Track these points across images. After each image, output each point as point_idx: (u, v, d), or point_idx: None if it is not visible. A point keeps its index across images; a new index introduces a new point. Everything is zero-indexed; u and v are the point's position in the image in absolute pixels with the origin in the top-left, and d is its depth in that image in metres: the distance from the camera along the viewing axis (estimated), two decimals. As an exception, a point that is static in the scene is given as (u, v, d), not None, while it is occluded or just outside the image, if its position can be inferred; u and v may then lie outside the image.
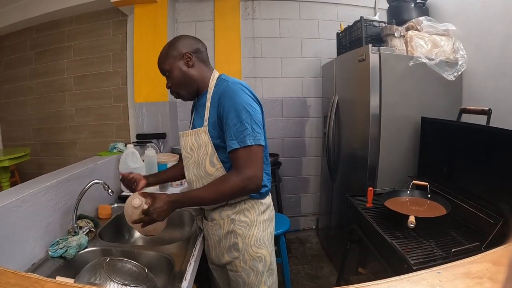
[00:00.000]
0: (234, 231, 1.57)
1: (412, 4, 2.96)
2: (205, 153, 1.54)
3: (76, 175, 1.88)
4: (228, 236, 1.59)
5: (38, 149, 4.24)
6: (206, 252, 1.77)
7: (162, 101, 3.49)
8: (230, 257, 1.59)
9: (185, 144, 1.63)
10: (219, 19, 3.72)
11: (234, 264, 1.59)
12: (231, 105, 1.44)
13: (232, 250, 1.58)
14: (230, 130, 1.43)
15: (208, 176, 1.55)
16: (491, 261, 0.87)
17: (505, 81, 2.27)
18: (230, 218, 1.57)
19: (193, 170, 1.60)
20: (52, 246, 1.54)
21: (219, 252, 1.64)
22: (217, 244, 1.64)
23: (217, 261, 1.68)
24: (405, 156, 2.53)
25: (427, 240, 1.70)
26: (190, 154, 1.60)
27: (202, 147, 1.55)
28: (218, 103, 1.49)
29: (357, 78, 2.66)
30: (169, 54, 1.57)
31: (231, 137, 1.43)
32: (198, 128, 1.56)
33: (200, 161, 1.56)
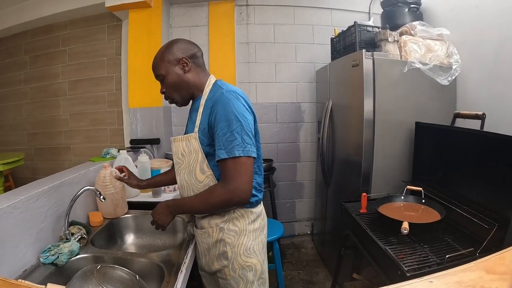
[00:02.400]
0: (223, 239, 1.56)
1: (406, 9, 2.97)
2: (196, 160, 1.54)
3: (68, 181, 1.86)
4: (217, 245, 1.58)
5: (32, 154, 4.21)
6: (196, 259, 1.76)
7: (156, 107, 3.48)
8: (220, 265, 1.58)
9: (176, 150, 1.61)
10: (214, 24, 3.72)
11: (223, 272, 1.58)
12: (222, 114, 1.42)
13: (222, 258, 1.57)
14: (220, 139, 1.41)
15: (198, 183, 1.55)
16: (484, 269, 0.86)
17: (499, 86, 2.27)
18: (218, 227, 1.56)
19: (184, 176, 1.59)
20: (43, 252, 1.52)
21: (208, 259, 1.63)
22: (207, 252, 1.63)
23: (207, 268, 1.67)
24: (399, 161, 2.53)
25: (421, 246, 1.69)
26: (181, 160, 1.59)
27: (193, 154, 1.54)
28: (210, 111, 1.47)
29: (351, 83, 2.66)
30: (164, 59, 1.55)
31: (220, 146, 1.41)
32: (189, 133, 1.55)
33: (191, 168, 1.56)
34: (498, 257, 0.91)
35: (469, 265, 0.87)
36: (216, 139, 1.44)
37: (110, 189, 2.00)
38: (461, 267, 0.87)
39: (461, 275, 0.84)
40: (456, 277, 0.83)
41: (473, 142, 1.93)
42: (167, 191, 2.47)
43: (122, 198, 2.11)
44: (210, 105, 1.49)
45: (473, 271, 0.85)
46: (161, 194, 2.43)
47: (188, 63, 1.57)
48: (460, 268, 0.86)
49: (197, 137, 1.51)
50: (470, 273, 0.84)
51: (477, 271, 0.85)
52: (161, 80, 1.59)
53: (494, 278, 0.81)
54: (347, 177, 2.84)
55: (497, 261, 0.89)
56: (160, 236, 2.09)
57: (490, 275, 0.83)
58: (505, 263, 0.88)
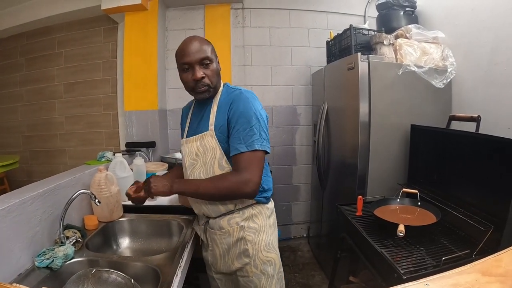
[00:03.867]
0: (244, 237, 1.61)
1: (402, 12, 2.99)
2: (213, 157, 1.56)
3: (63, 184, 1.85)
4: (238, 244, 1.61)
5: (28, 157, 4.18)
6: (210, 263, 1.76)
7: (152, 110, 3.47)
8: (241, 264, 1.62)
9: (189, 151, 1.62)
10: (210, 27, 3.72)
11: (245, 270, 1.62)
12: (242, 111, 1.50)
13: (243, 256, 1.62)
14: (239, 134, 1.48)
15: None
16: (480, 272, 0.86)
17: (494, 88, 2.28)
18: (239, 226, 1.60)
19: (200, 175, 1.59)
20: (38, 256, 1.50)
21: (228, 260, 1.64)
22: (226, 252, 1.64)
23: (226, 269, 1.67)
24: (395, 164, 2.53)
25: (417, 248, 1.70)
26: (195, 160, 1.60)
27: (209, 151, 1.56)
28: (228, 109, 1.53)
29: (347, 86, 2.66)
30: (212, 48, 1.61)
31: (240, 140, 1.47)
32: (203, 132, 1.58)
33: (208, 165, 1.58)
34: (494, 259, 0.91)
35: (465, 267, 0.87)
36: (234, 133, 1.50)
37: (105, 192, 1.99)
38: (457, 270, 0.86)
39: (457, 277, 0.84)
40: (452, 279, 0.83)
41: (469, 145, 1.93)
42: (162, 193, 2.46)
43: (117, 202, 2.09)
44: (227, 104, 1.55)
45: (469, 274, 0.85)
46: (157, 198, 2.40)
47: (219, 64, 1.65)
48: (456, 271, 0.86)
49: (213, 134, 1.55)
50: (466, 276, 0.84)
51: (473, 273, 0.85)
52: (205, 64, 1.55)
53: (490, 280, 0.81)
54: (343, 180, 2.84)
55: (493, 263, 0.89)
56: (155, 239, 2.08)
57: (486, 277, 0.82)
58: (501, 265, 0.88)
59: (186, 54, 1.54)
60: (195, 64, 1.53)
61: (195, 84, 1.55)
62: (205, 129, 1.58)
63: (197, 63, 1.54)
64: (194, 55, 1.53)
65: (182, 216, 2.12)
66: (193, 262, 1.84)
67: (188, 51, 1.54)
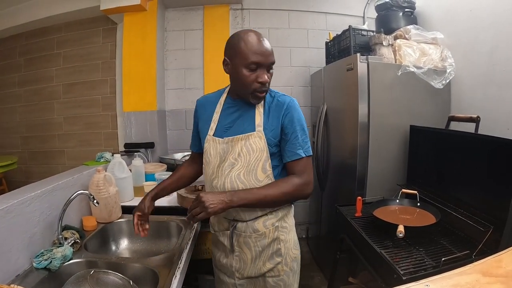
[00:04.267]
0: (278, 238, 1.61)
1: (401, 13, 2.99)
2: (258, 159, 1.52)
3: (61, 185, 1.84)
4: (271, 244, 1.60)
5: (26, 158, 4.17)
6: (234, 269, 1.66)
7: (151, 110, 3.46)
8: (272, 264, 1.61)
9: (232, 150, 1.55)
10: (209, 28, 3.71)
11: (276, 270, 1.62)
12: (297, 119, 1.54)
13: (275, 256, 1.61)
14: (297, 140, 1.52)
15: (258, 182, 1.53)
16: (481, 272, 0.85)
17: (493, 89, 2.29)
18: (274, 226, 1.60)
19: (240, 177, 1.53)
20: (36, 257, 1.50)
21: (259, 262, 1.61)
22: (259, 255, 1.60)
23: (255, 272, 1.63)
24: (394, 165, 2.53)
25: (417, 249, 1.69)
26: (237, 160, 1.54)
27: (255, 153, 1.52)
28: (283, 114, 1.53)
29: (346, 87, 2.66)
30: None
31: (299, 146, 1.52)
32: (249, 133, 1.53)
33: (250, 167, 1.53)
34: (494, 259, 0.91)
35: (465, 268, 0.87)
36: (292, 139, 1.52)
37: (103, 193, 1.99)
38: (457, 270, 0.86)
39: (457, 278, 0.83)
40: (452, 280, 0.83)
41: (468, 145, 1.93)
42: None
43: (116, 203, 2.09)
44: (277, 108, 1.55)
45: (469, 274, 0.84)
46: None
47: None
48: (456, 271, 0.86)
49: (262, 136, 1.51)
50: (466, 276, 0.84)
51: (474, 274, 0.84)
52: (271, 69, 1.51)
53: (490, 281, 0.81)
54: (342, 180, 2.84)
55: (494, 264, 0.89)
56: (154, 241, 2.07)
57: (486, 278, 0.82)
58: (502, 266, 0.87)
59: (260, 53, 1.43)
60: (266, 67, 1.47)
61: (258, 86, 1.47)
62: (250, 130, 1.53)
63: (268, 66, 1.48)
64: (268, 58, 1.46)
65: (181, 217, 2.12)
66: (192, 263, 1.83)
67: (263, 51, 1.44)
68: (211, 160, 1.61)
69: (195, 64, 3.76)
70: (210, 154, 1.62)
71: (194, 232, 1.93)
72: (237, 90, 1.57)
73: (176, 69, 3.78)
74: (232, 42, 1.49)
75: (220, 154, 1.58)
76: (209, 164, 1.62)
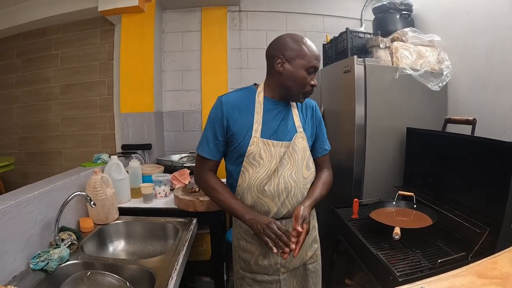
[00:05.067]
0: (314, 225, 1.78)
1: (398, 15, 2.99)
2: (304, 158, 1.63)
3: (58, 186, 1.85)
4: (311, 232, 1.68)
5: (23, 159, 4.16)
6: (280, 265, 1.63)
7: (148, 112, 3.47)
8: (312, 251, 1.74)
9: (282, 151, 1.58)
10: (206, 29, 3.72)
11: (315, 255, 1.76)
12: (322, 118, 1.78)
13: (313, 243, 1.75)
14: (324, 136, 1.78)
15: (304, 179, 1.63)
16: (476, 274, 0.86)
17: (489, 91, 2.29)
18: (312, 215, 1.70)
19: (292, 176, 1.58)
20: (33, 258, 1.50)
21: (302, 252, 1.67)
22: (303, 246, 1.54)
23: (299, 263, 1.69)
24: (391, 167, 2.53)
25: (413, 250, 1.70)
26: (287, 160, 1.58)
27: (301, 152, 1.62)
28: (312, 114, 1.73)
29: (343, 89, 2.66)
30: None
31: (326, 141, 1.79)
32: (294, 134, 1.62)
33: (299, 166, 1.61)
34: (490, 261, 0.91)
35: (461, 270, 0.88)
36: (320, 137, 1.76)
37: (100, 194, 1.99)
38: (453, 272, 0.87)
39: (453, 280, 0.84)
40: (448, 282, 0.83)
41: (464, 147, 1.94)
42: (158, 197, 2.45)
43: (113, 204, 2.09)
44: (308, 108, 1.73)
45: (465, 276, 0.85)
46: (152, 200, 2.40)
47: None
48: (452, 273, 0.86)
49: (304, 136, 1.64)
50: (461, 278, 0.84)
51: (469, 275, 0.85)
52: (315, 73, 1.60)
53: (486, 282, 0.82)
54: (339, 182, 2.82)
55: (489, 265, 0.89)
56: (151, 242, 2.07)
57: (482, 280, 0.83)
58: (497, 267, 0.88)
59: (318, 59, 1.56)
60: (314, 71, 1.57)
61: (310, 89, 1.58)
62: (294, 131, 1.62)
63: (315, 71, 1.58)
64: (319, 63, 1.58)
65: (178, 218, 2.12)
66: (189, 265, 1.83)
67: (318, 58, 1.57)
68: (263, 163, 1.56)
69: (193, 66, 3.76)
70: (261, 157, 1.55)
71: (191, 234, 1.93)
72: (290, 90, 1.57)
73: (173, 70, 3.78)
74: (290, 43, 1.53)
75: (276, 157, 1.56)
76: (261, 167, 1.56)
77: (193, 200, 2.17)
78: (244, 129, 1.56)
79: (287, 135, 1.59)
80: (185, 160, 3.30)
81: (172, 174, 2.67)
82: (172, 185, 2.60)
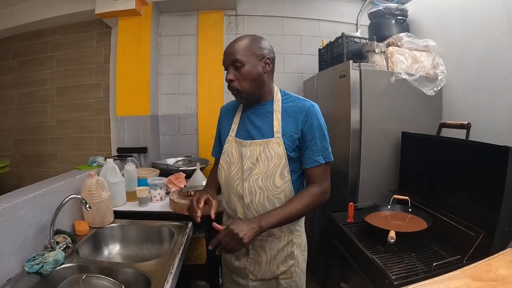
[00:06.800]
0: (292, 240, 1.64)
1: (393, 20, 3.01)
2: (277, 165, 1.53)
3: (54, 189, 1.84)
4: (285, 247, 1.62)
5: (18, 161, 4.12)
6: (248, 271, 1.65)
7: (144, 115, 3.45)
8: (286, 267, 1.64)
9: (250, 154, 1.56)
10: (203, 33, 3.72)
11: (289, 272, 1.65)
12: (318, 125, 1.56)
13: (288, 259, 1.64)
14: (317, 146, 1.54)
15: (275, 188, 1.54)
16: (471, 276, 0.86)
17: (483, 96, 2.32)
18: (289, 230, 1.63)
19: (257, 182, 1.54)
20: (28, 261, 1.49)
21: (273, 265, 1.63)
22: (273, 258, 1.62)
23: (269, 275, 1.64)
24: (386, 171, 2.55)
25: (408, 254, 1.71)
26: (255, 165, 1.55)
27: (274, 159, 1.53)
28: (302, 120, 1.55)
29: (338, 94, 2.68)
30: (249, 48, 1.53)
31: (319, 153, 1.54)
32: (268, 138, 1.55)
33: (269, 173, 1.53)
34: (485, 264, 0.92)
35: (455, 272, 0.88)
36: (311, 146, 1.54)
37: (96, 198, 1.98)
38: (448, 275, 0.87)
39: (448, 283, 0.84)
40: (443, 285, 0.84)
41: (459, 151, 1.96)
42: (153, 200, 2.44)
43: (108, 207, 2.08)
44: (296, 114, 1.56)
45: (460, 279, 0.85)
46: (148, 204, 2.39)
47: (270, 64, 1.60)
48: (447, 276, 0.87)
49: (281, 142, 1.53)
50: (456, 281, 0.85)
51: (464, 278, 0.85)
52: (236, 67, 1.52)
53: (481, 285, 0.82)
54: (334, 186, 2.81)
55: (484, 268, 0.90)
56: (146, 246, 2.06)
57: (477, 282, 0.83)
58: (491, 270, 0.89)
59: (228, 54, 1.54)
60: (228, 67, 1.54)
61: (229, 85, 1.57)
62: (269, 136, 1.55)
63: (229, 66, 1.53)
64: (226, 58, 1.54)
65: (173, 222, 2.12)
66: (184, 268, 1.82)
67: (225, 52, 1.55)
68: (233, 160, 1.63)
69: (189, 70, 3.76)
70: (232, 155, 1.64)
71: (186, 238, 1.93)
72: None
73: (169, 74, 3.78)
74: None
75: (247, 158, 1.57)
76: (232, 164, 1.63)
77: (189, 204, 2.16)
78: (228, 130, 1.70)
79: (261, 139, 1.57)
80: (181, 164, 3.29)
81: (168, 178, 2.67)
82: (168, 189, 2.59)
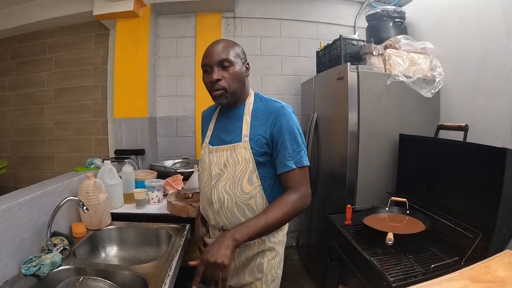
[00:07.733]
0: (263, 251, 1.57)
1: (391, 23, 3.03)
2: (244, 170, 1.49)
3: (51, 191, 1.83)
4: (255, 258, 1.57)
5: (16, 162, 4.12)
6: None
7: (142, 117, 3.46)
8: (252, 278, 1.57)
9: (218, 160, 1.54)
10: (201, 35, 3.72)
11: (254, 285, 1.57)
12: (288, 127, 1.46)
13: (256, 271, 1.57)
14: (287, 150, 1.45)
15: (243, 194, 1.49)
16: (469, 278, 0.86)
17: (481, 98, 2.32)
18: (261, 239, 1.54)
19: (225, 188, 1.51)
20: (25, 263, 1.48)
21: (240, 273, 1.59)
22: (241, 266, 1.58)
23: (235, 283, 1.60)
24: (384, 173, 2.55)
25: (406, 256, 1.70)
26: (223, 170, 1.52)
27: (241, 164, 1.49)
28: (271, 123, 1.48)
29: (336, 96, 2.68)
30: (236, 50, 1.54)
31: (289, 157, 1.45)
32: (235, 143, 1.52)
33: (236, 178, 1.50)
34: (483, 265, 0.92)
35: (453, 274, 0.88)
36: (281, 150, 1.46)
37: (93, 200, 1.97)
38: (446, 277, 0.87)
39: (446, 284, 0.84)
40: (441, 286, 0.84)
41: (457, 153, 1.96)
42: (151, 202, 2.43)
43: (106, 209, 2.07)
44: (265, 116, 1.51)
45: (458, 280, 0.85)
46: (145, 206, 2.39)
47: (248, 69, 1.62)
48: (445, 278, 0.87)
49: (248, 146, 1.49)
50: (455, 283, 0.85)
51: (462, 280, 0.85)
52: (224, 66, 1.49)
53: (479, 286, 0.82)
54: (332, 189, 2.85)
55: (482, 270, 0.90)
56: (144, 248, 2.06)
57: (475, 284, 0.83)
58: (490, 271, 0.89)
59: (207, 55, 1.52)
60: (214, 66, 1.49)
61: (211, 86, 1.50)
62: (237, 140, 1.52)
63: (216, 65, 1.49)
64: (214, 57, 1.49)
65: (171, 224, 2.11)
66: (182, 271, 1.82)
67: (209, 53, 1.51)
68: (205, 167, 1.61)
69: (187, 72, 3.76)
70: (204, 161, 1.63)
71: (184, 240, 1.92)
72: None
73: (167, 76, 3.79)
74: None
75: (211, 164, 1.57)
76: (204, 171, 1.62)
77: (186, 206, 2.16)
78: (204, 136, 1.72)
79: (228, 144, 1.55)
80: (178, 166, 3.29)
81: (165, 180, 2.67)
82: (165, 191, 2.59)
